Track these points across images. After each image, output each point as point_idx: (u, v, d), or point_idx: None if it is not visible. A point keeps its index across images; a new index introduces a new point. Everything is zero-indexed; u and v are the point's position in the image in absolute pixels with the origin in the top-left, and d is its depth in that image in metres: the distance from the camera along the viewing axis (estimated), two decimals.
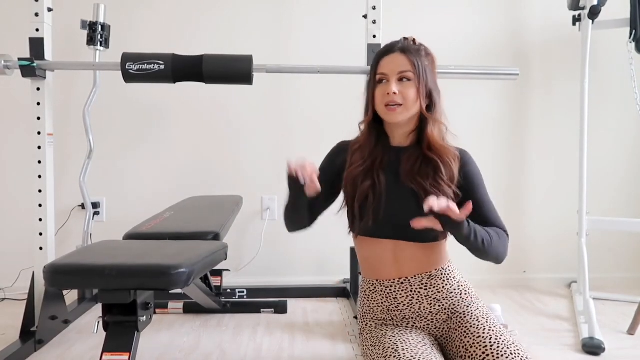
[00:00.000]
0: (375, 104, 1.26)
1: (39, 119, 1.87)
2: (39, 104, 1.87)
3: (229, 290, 2.34)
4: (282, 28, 2.59)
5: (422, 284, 1.27)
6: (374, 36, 1.99)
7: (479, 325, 1.19)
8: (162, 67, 1.81)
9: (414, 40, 1.28)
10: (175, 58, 1.83)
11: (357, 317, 2.03)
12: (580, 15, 2.33)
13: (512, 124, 2.69)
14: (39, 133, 1.87)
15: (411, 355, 1.11)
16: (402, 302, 1.28)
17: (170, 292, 1.17)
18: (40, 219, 1.87)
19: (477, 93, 2.62)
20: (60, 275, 1.15)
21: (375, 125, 1.30)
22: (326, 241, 2.58)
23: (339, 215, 1.38)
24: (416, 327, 1.28)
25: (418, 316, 1.28)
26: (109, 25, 2.33)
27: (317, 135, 2.38)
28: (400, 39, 1.29)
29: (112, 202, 2.54)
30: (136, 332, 1.23)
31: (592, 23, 2.24)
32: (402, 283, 1.28)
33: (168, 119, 2.56)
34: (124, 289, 1.15)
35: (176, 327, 2.01)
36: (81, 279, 1.18)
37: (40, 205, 1.87)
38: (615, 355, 1.74)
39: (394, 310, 1.29)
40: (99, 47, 2.29)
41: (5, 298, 2.39)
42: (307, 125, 2.55)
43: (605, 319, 2.09)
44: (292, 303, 2.27)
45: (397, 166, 1.26)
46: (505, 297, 2.45)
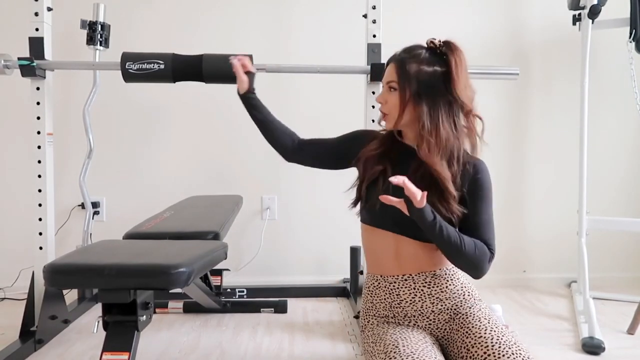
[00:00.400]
0: None
1: (38, 118, 1.87)
2: (38, 103, 1.87)
3: (228, 290, 2.34)
4: (282, 28, 2.59)
5: (426, 282, 1.28)
6: (374, 36, 1.98)
7: (480, 326, 1.19)
8: (162, 66, 1.80)
9: (431, 42, 1.25)
10: (175, 58, 1.82)
11: (357, 317, 2.04)
12: (580, 14, 2.33)
13: (512, 123, 2.69)
14: (39, 132, 1.87)
15: (412, 352, 1.11)
16: (404, 299, 1.28)
17: (170, 291, 1.17)
18: (40, 219, 1.87)
19: (477, 93, 2.61)
20: (60, 274, 1.15)
21: None
22: (326, 241, 2.59)
23: (339, 216, 1.38)
24: (418, 325, 1.28)
25: (420, 314, 1.28)
26: (109, 25, 2.33)
27: (317, 135, 2.38)
28: (413, 44, 1.28)
29: (112, 202, 2.54)
30: (136, 331, 1.23)
31: (592, 23, 2.24)
32: (406, 280, 1.28)
33: (168, 119, 2.56)
34: (123, 289, 1.15)
35: (176, 327, 2.01)
36: (81, 278, 1.18)
37: (40, 205, 1.87)
38: (615, 355, 1.74)
39: (396, 307, 1.29)
40: (98, 46, 2.29)
41: (5, 298, 2.39)
42: (307, 124, 2.51)
43: (605, 318, 2.09)
44: (292, 303, 2.28)
45: (407, 166, 1.26)
46: (505, 297, 2.45)
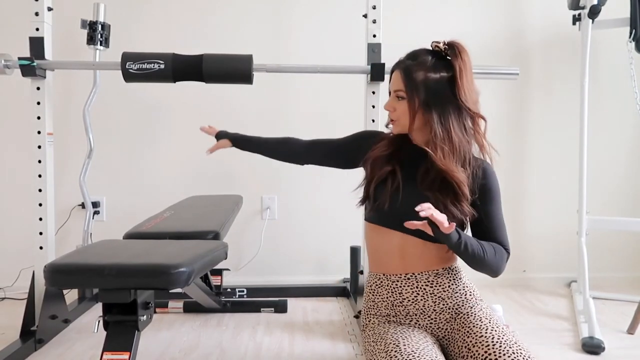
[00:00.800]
0: None
1: (39, 118, 1.87)
2: (39, 103, 1.87)
3: (229, 290, 2.34)
4: (282, 28, 2.59)
5: (428, 281, 1.28)
6: (374, 35, 1.98)
7: (481, 326, 1.20)
8: (162, 66, 1.81)
9: (436, 45, 1.26)
10: (175, 57, 1.83)
11: (357, 317, 2.04)
12: (580, 14, 2.33)
13: (512, 123, 2.69)
14: (39, 132, 1.87)
15: (412, 351, 1.11)
16: (407, 297, 1.29)
17: (171, 291, 1.17)
18: (41, 218, 1.87)
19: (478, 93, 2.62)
20: (61, 274, 1.15)
21: None
22: (326, 241, 2.59)
23: (339, 215, 1.38)
24: (419, 325, 1.28)
25: (422, 313, 1.28)
26: (109, 25, 2.33)
27: (318, 135, 2.38)
28: (419, 49, 1.28)
29: (112, 202, 2.54)
30: (136, 331, 1.23)
31: (592, 22, 2.24)
32: (409, 279, 1.29)
33: (168, 119, 2.56)
34: (124, 289, 1.15)
35: (176, 327, 2.01)
36: (81, 278, 1.18)
37: (41, 205, 1.87)
38: (614, 355, 1.74)
39: (398, 306, 1.30)
40: (99, 46, 2.29)
41: (5, 297, 2.39)
42: (308, 124, 2.54)
43: (605, 318, 2.09)
44: (292, 302, 2.28)
45: (415, 168, 1.28)
46: (505, 297, 2.45)
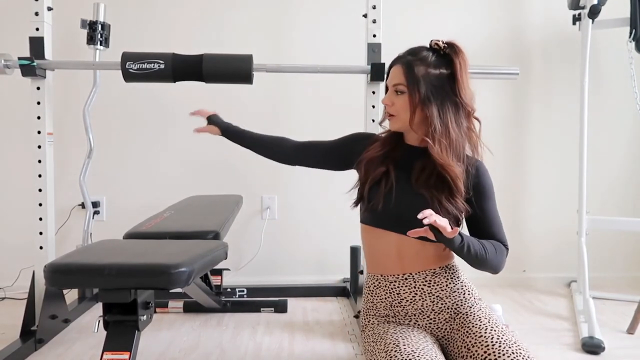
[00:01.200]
0: None
1: (39, 118, 1.87)
2: (39, 103, 1.87)
3: (229, 290, 2.34)
4: (282, 28, 2.59)
5: (426, 281, 1.28)
6: (374, 35, 1.98)
7: (481, 325, 1.20)
8: (162, 66, 1.81)
9: (436, 43, 1.26)
10: (175, 57, 1.83)
11: (357, 316, 2.04)
12: (580, 14, 2.33)
13: (511, 123, 2.69)
14: (39, 132, 1.87)
15: (412, 351, 1.11)
16: (405, 297, 1.29)
17: (171, 291, 1.17)
18: (41, 218, 1.87)
19: (477, 92, 2.61)
20: (61, 274, 1.15)
21: None
22: (326, 240, 2.59)
23: (339, 215, 1.39)
24: (418, 325, 1.29)
25: (420, 314, 1.28)
26: (109, 25, 2.33)
27: (318, 135, 2.37)
28: (418, 46, 1.29)
29: (112, 202, 2.55)
30: (136, 331, 1.23)
31: (592, 22, 2.24)
32: (406, 279, 1.29)
33: (168, 118, 2.56)
34: (124, 288, 1.15)
35: (176, 326, 2.01)
36: (81, 278, 1.18)
37: (41, 205, 1.87)
38: (614, 355, 1.74)
39: (396, 307, 1.30)
40: (98, 46, 2.29)
41: (5, 297, 2.39)
42: (308, 124, 2.55)
43: (605, 318, 2.09)
44: (292, 302, 2.28)
45: (409, 168, 1.28)
46: (504, 297, 2.45)
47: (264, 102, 2.58)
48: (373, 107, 1.97)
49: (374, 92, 1.97)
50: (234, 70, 1.86)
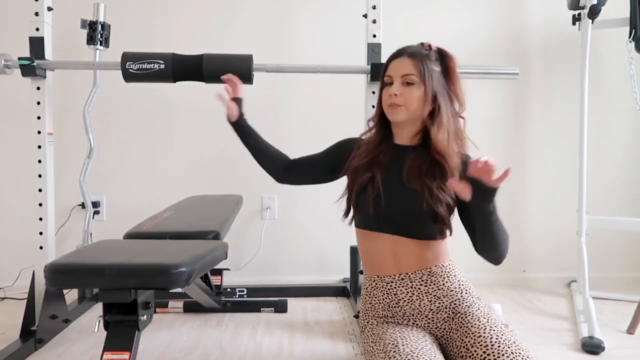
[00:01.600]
0: (382, 104, 1.32)
1: (39, 118, 1.87)
2: (39, 103, 1.87)
3: (229, 289, 2.34)
4: (282, 28, 2.59)
5: (422, 281, 1.28)
6: (374, 35, 1.99)
7: (480, 325, 1.20)
8: (162, 66, 1.81)
9: (429, 45, 1.30)
10: (175, 57, 1.83)
11: (357, 317, 2.04)
12: (580, 14, 2.33)
13: (511, 123, 2.69)
14: (39, 132, 1.87)
15: (411, 351, 1.11)
16: (402, 298, 1.29)
17: (171, 291, 1.17)
18: (41, 218, 1.87)
19: (477, 92, 2.62)
20: (61, 274, 1.15)
21: (382, 124, 1.36)
22: (326, 240, 2.59)
23: (339, 215, 1.39)
24: (417, 325, 1.29)
25: (418, 314, 1.28)
26: (109, 25, 2.33)
27: (318, 135, 2.36)
28: (416, 44, 1.32)
29: (112, 202, 2.55)
30: (137, 331, 1.23)
31: (592, 22, 2.24)
32: (403, 279, 1.29)
33: (168, 119, 2.56)
34: (124, 288, 1.15)
35: (176, 326, 2.01)
36: (81, 278, 1.18)
37: (41, 205, 1.87)
38: (614, 355, 1.74)
39: (394, 307, 1.30)
40: (99, 46, 2.29)
41: (5, 297, 2.39)
42: (308, 124, 2.55)
43: (605, 318, 2.10)
44: (292, 302, 2.28)
45: (400, 165, 1.29)
46: (504, 297, 2.45)
47: (264, 102, 2.57)
48: (373, 107, 1.96)
49: (374, 92, 1.97)
50: (234, 70, 1.85)
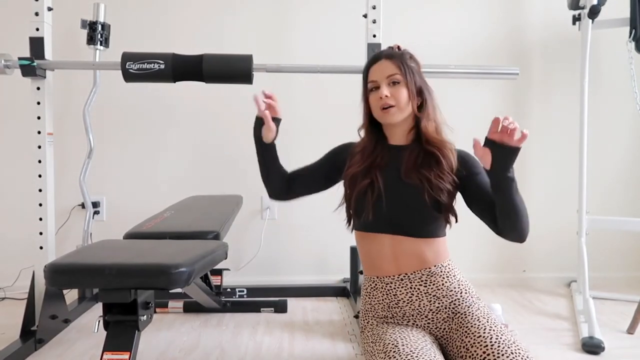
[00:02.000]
0: (372, 109, 1.34)
1: (39, 118, 1.87)
2: (39, 103, 1.87)
3: (229, 290, 2.34)
4: (282, 28, 2.59)
5: (422, 281, 1.28)
6: (374, 35, 1.99)
7: (479, 325, 1.20)
8: (162, 66, 1.81)
9: (398, 47, 1.36)
10: (175, 57, 1.83)
11: (357, 316, 2.04)
12: (580, 14, 2.33)
13: None
14: (39, 132, 1.87)
15: (411, 351, 1.11)
16: (402, 298, 1.29)
17: (171, 291, 1.17)
18: (41, 218, 1.87)
19: (477, 92, 2.62)
20: (61, 274, 1.15)
21: (373, 129, 1.38)
22: (326, 240, 2.59)
23: (338, 216, 1.39)
24: (417, 325, 1.29)
25: (418, 314, 1.28)
26: (109, 25, 2.33)
27: (318, 135, 2.38)
28: (386, 48, 1.39)
29: (112, 202, 2.55)
30: (136, 331, 1.23)
31: (592, 22, 2.24)
32: (402, 280, 1.29)
33: (168, 119, 2.56)
34: (124, 288, 1.15)
35: (176, 326, 2.01)
36: (81, 278, 1.18)
37: (41, 205, 1.87)
38: (614, 355, 1.74)
39: (394, 307, 1.30)
40: (98, 46, 2.29)
41: (5, 297, 2.39)
42: (308, 124, 2.55)
43: (605, 318, 2.09)
44: (292, 302, 2.28)
45: (398, 164, 1.31)
46: (504, 296, 2.45)
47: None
48: None
49: None
50: (234, 70, 1.86)
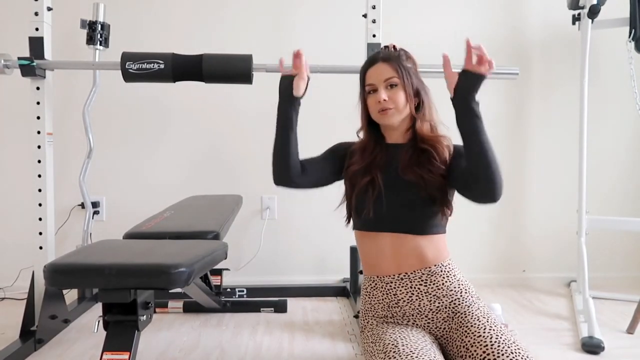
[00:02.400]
0: (370, 112, 1.35)
1: (38, 118, 1.87)
2: (38, 103, 1.87)
3: (228, 290, 2.34)
4: (282, 27, 2.59)
5: (422, 280, 1.28)
6: (374, 35, 1.99)
7: (479, 325, 1.20)
8: (162, 66, 1.81)
9: (394, 46, 1.36)
10: (174, 57, 1.83)
11: (357, 316, 2.04)
12: (579, 14, 2.33)
13: (511, 123, 2.69)
14: (39, 132, 1.87)
15: (411, 351, 1.11)
16: (402, 298, 1.29)
17: (170, 291, 1.17)
18: (40, 218, 1.87)
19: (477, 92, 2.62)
20: (60, 274, 1.15)
21: (371, 129, 1.39)
22: (326, 240, 2.59)
23: (338, 215, 1.39)
24: (417, 325, 1.29)
25: (418, 313, 1.28)
26: (109, 25, 2.33)
27: (318, 135, 2.36)
28: (381, 49, 1.39)
29: (112, 202, 2.54)
30: (136, 331, 1.23)
31: (592, 22, 2.24)
32: (402, 279, 1.29)
33: (168, 119, 2.56)
34: (124, 288, 1.15)
35: (176, 326, 2.01)
36: (81, 278, 1.18)
37: (40, 205, 1.87)
38: (614, 354, 1.74)
39: (394, 307, 1.30)
40: (98, 46, 2.29)
41: (5, 297, 2.39)
42: (307, 125, 2.52)
43: (605, 317, 2.09)
44: (292, 302, 2.28)
45: (396, 162, 1.32)
46: (504, 296, 2.45)
47: (263, 102, 2.56)
48: None
49: None
50: (234, 70, 1.86)
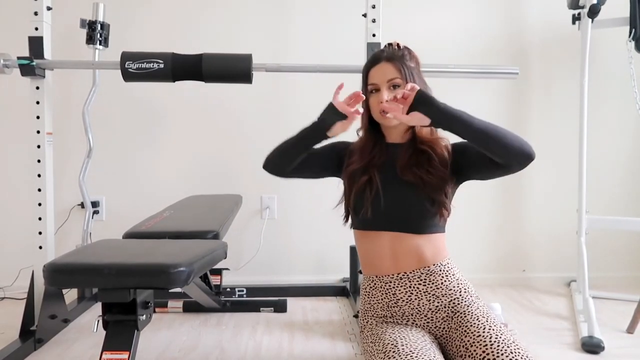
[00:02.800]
0: (371, 111, 1.35)
1: (38, 117, 1.87)
2: (38, 102, 1.87)
3: (228, 289, 2.34)
4: (282, 27, 2.59)
5: (421, 280, 1.28)
6: (374, 35, 1.99)
7: (479, 325, 1.20)
8: (162, 66, 1.81)
9: (397, 44, 1.35)
10: (174, 57, 1.83)
11: (356, 316, 2.04)
12: (579, 14, 2.33)
13: (511, 123, 2.68)
14: (38, 132, 1.87)
15: (410, 351, 1.11)
16: (401, 297, 1.29)
17: (170, 290, 1.17)
18: (40, 218, 1.87)
19: (477, 92, 2.62)
20: (60, 274, 1.15)
21: (372, 128, 1.38)
22: (325, 240, 2.59)
23: (338, 215, 1.39)
24: (416, 324, 1.29)
25: (418, 313, 1.28)
26: (109, 24, 2.33)
27: None
28: (385, 46, 1.37)
29: (112, 201, 2.54)
30: (136, 331, 1.23)
31: (592, 22, 2.24)
32: (401, 279, 1.29)
33: (167, 118, 2.56)
34: (123, 288, 1.15)
35: (176, 326, 2.01)
36: (81, 277, 1.18)
37: (40, 204, 1.87)
38: (614, 354, 1.74)
39: (393, 307, 1.30)
40: (98, 46, 2.29)
41: (4, 297, 2.39)
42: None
43: (605, 317, 2.09)
44: (292, 302, 2.28)
45: (394, 162, 1.32)
46: (504, 296, 2.45)
47: (263, 102, 2.58)
48: None
49: None
50: (234, 69, 1.86)
